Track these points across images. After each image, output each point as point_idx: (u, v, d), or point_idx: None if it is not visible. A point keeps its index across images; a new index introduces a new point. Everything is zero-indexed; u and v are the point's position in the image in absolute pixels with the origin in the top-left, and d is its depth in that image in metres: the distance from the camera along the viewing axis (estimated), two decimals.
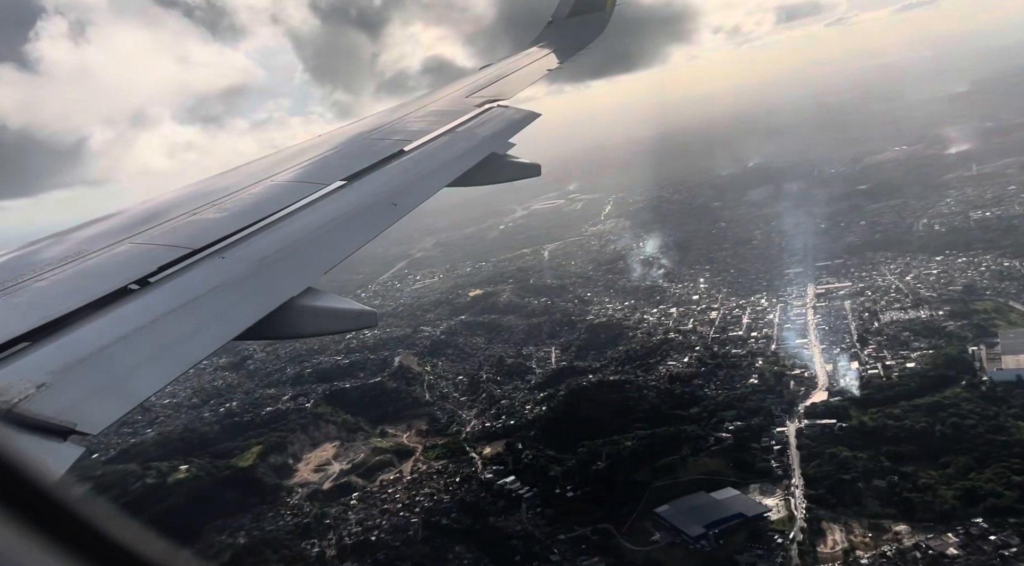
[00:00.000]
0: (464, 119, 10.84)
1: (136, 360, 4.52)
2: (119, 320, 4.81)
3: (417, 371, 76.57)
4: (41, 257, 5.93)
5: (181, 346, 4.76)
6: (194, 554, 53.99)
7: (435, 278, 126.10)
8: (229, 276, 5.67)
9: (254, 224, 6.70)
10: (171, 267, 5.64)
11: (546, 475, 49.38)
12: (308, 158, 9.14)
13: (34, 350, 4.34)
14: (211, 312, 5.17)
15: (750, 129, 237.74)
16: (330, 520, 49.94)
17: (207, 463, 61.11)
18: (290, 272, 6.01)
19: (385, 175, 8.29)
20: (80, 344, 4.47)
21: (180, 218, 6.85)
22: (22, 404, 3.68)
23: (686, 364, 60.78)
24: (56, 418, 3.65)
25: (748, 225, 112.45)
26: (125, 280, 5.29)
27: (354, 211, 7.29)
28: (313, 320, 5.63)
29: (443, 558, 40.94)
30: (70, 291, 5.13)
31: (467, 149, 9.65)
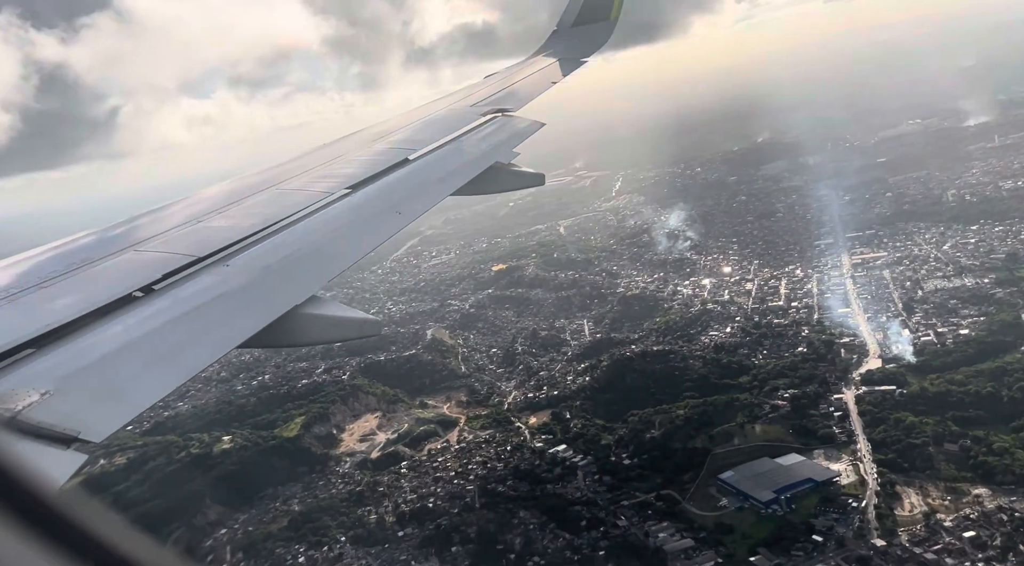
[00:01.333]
0: (469, 128, 10.65)
1: (139, 368, 4.43)
2: (123, 328, 4.72)
3: (450, 344, 75.60)
4: (47, 263, 5.83)
5: (184, 354, 4.68)
6: (214, 544, 53.45)
7: (451, 254, 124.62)
8: (233, 284, 5.55)
9: (259, 232, 6.55)
10: (175, 275, 5.51)
11: (598, 443, 48.69)
12: (312, 167, 9.02)
13: (38, 357, 4.24)
14: (214, 320, 5.08)
15: (754, 107, 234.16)
16: (383, 488, 49.29)
17: (250, 434, 60.33)
18: (294, 280, 5.88)
19: (390, 184, 8.16)
20: (84, 352, 4.38)
21: (185, 226, 6.73)
22: (26, 411, 3.59)
23: (729, 334, 59.84)
24: (59, 426, 3.56)
25: (769, 198, 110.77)
26: (129, 288, 5.18)
27: (359, 219, 7.18)
28: (316, 328, 5.53)
29: (508, 523, 40.28)
30: (75, 299, 5.03)
31: (472, 158, 9.50)
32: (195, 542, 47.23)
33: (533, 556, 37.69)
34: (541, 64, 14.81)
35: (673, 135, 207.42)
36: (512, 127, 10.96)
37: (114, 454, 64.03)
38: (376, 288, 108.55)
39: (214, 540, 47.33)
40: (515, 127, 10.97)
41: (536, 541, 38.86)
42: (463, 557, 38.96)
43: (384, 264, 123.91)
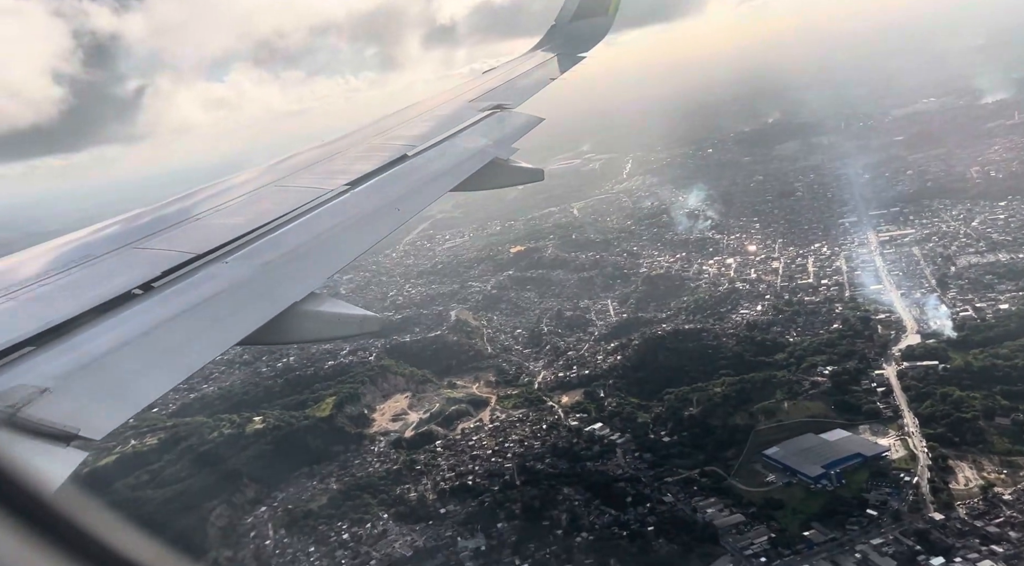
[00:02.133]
0: (468, 124, 10.49)
1: (139, 365, 4.37)
2: (123, 325, 4.67)
3: (474, 325, 74.95)
4: (47, 261, 5.75)
5: (183, 351, 4.63)
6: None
7: (465, 237, 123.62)
8: (232, 281, 5.48)
9: (258, 229, 6.44)
10: (175, 272, 5.43)
11: (634, 421, 48.16)
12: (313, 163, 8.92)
13: (38, 355, 4.18)
14: (214, 317, 5.01)
15: (762, 88, 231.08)
16: (421, 466, 48.92)
17: (281, 414, 59.99)
18: (293, 277, 5.80)
19: (389, 180, 8.08)
20: (84, 349, 4.32)
21: (185, 223, 6.68)
22: (26, 409, 3.55)
23: (760, 312, 59.04)
24: (59, 423, 3.53)
25: (786, 178, 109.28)
26: (129, 285, 5.13)
27: (358, 216, 7.10)
28: (316, 325, 5.45)
29: (552, 500, 39.86)
30: (75, 296, 4.98)
31: (470, 154, 9.35)
32: (235, 519, 47.04)
33: (581, 532, 37.30)
34: (539, 59, 14.56)
35: (681, 117, 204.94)
36: (510, 123, 10.76)
37: (144, 435, 63.84)
38: (392, 271, 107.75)
39: (254, 517, 47.09)
40: (513, 123, 10.77)
41: (582, 517, 38.46)
42: (509, 533, 38.60)
43: (397, 247, 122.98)
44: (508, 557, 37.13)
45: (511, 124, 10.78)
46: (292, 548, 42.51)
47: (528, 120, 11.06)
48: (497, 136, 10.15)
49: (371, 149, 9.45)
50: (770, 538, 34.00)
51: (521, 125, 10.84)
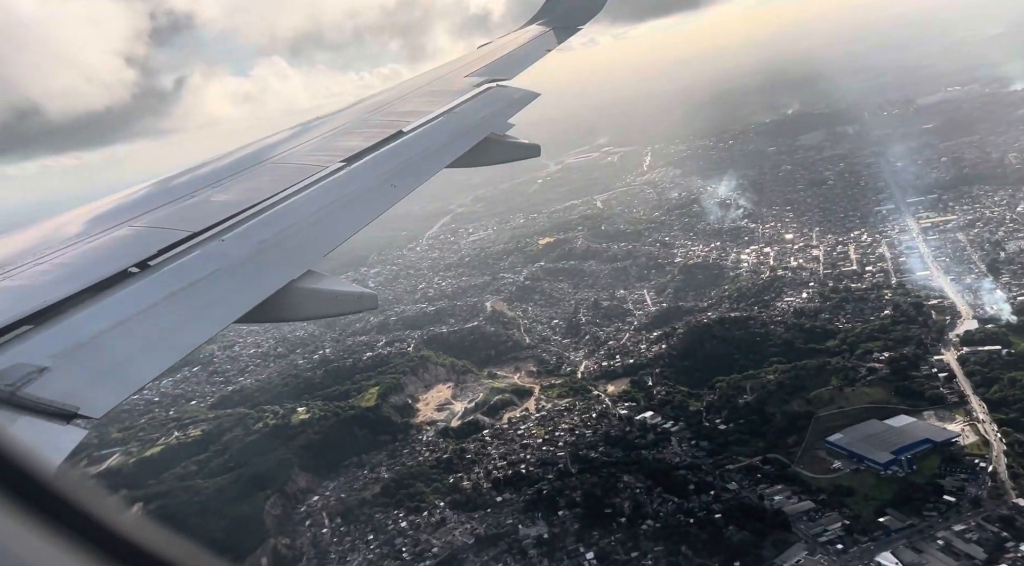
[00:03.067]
0: (463, 99, 10.27)
1: (136, 344, 4.31)
2: (119, 304, 4.62)
3: (510, 316, 74.36)
4: (43, 240, 5.68)
5: (180, 330, 4.60)
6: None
7: (488, 230, 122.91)
8: (229, 260, 5.43)
9: (254, 206, 6.37)
10: (171, 250, 5.39)
11: (686, 410, 47.36)
12: (307, 139, 8.81)
13: (36, 334, 4.14)
14: (210, 296, 4.98)
15: (778, 80, 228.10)
16: (471, 455, 48.43)
17: (324, 405, 59.75)
18: (290, 255, 5.73)
19: (384, 157, 7.96)
20: (81, 328, 4.27)
21: (180, 200, 6.60)
22: (25, 388, 3.53)
23: (806, 299, 57.90)
24: (59, 402, 3.51)
25: (815, 167, 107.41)
26: (125, 263, 5.09)
27: (354, 193, 7.02)
28: (313, 303, 5.39)
29: (613, 488, 39.19)
30: (71, 275, 4.93)
31: (466, 130, 9.17)
32: (289, 508, 46.84)
33: (645, 519, 36.62)
34: (535, 32, 14.28)
35: (697, 110, 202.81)
36: (506, 97, 10.56)
37: (187, 426, 63.93)
38: (418, 264, 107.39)
39: (308, 507, 46.88)
40: (509, 97, 10.57)
41: (645, 505, 37.77)
42: (571, 520, 38.00)
43: (420, 241, 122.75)
44: (572, 545, 36.55)
45: (507, 99, 10.51)
46: (350, 536, 42.20)
47: (524, 95, 10.76)
48: (493, 111, 9.91)
49: (367, 125, 9.23)
50: (844, 525, 33.17)
51: (517, 100, 10.54)
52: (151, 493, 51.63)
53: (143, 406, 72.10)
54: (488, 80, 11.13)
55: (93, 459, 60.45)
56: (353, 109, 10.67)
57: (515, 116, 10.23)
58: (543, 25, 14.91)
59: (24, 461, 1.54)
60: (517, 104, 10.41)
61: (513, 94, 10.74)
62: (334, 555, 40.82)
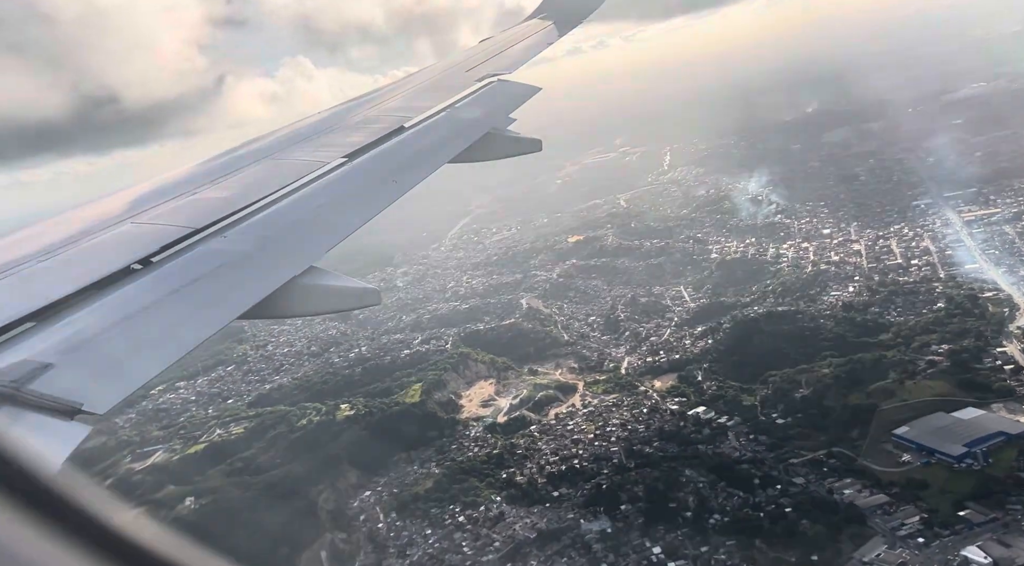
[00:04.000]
0: (464, 94, 10.16)
1: (139, 341, 4.30)
2: (122, 301, 4.57)
3: (546, 313, 73.80)
4: (46, 237, 5.64)
5: (183, 326, 4.56)
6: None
7: (512, 230, 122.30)
8: (231, 256, 5.37)
9: (256, 203, 6.29)
10: (174, 246, 5.34)
11: (739, 404, 46.52)
12: (309, 135, 8.75)
13: (40, 331, 4.14)
14: (213, 292, 4.93)
15: (795, 79, 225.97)
16: (521, 451, 47.90)
17: (367, 401, 59.48)
18: (292, 251, 5.68)
19: (386, 152, 7.90)
20: (85, 326, 4.26)
21: (182, 197, 6.56)
22: (29, 384, 3.54)
23: (853, 293, 56.85)
24: (63, 398, 3.51)
25: (844, 164, 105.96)
26: (128, 260, 5.04)
27: (355, 189, 6.99)
28: (316, 299, 5.30)
29: (676, 482, 38.47)
30: (74, 272, 4.87)
31: (467, 125, 9.13)
32: (342, 503, 46.53)
33: (713, 513, 35.86)
34: (537, 27, 14.22)
35: (713, 109, 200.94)
36: (508, 92, 10.46)
37: (228, 424, 63.94)
38: (445, 264, 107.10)
39: (360, 502, 46.54)
40: (511, 92, 10.47)
41: (710, 499, 37.01)
42: (635, 515, 37.32)
43: (444, 242, 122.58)
44: (636, 539, 35.88)
45: (509, 94, 10.41)
46: (407, 531, 41.78)
47: (526, 89, 10.63)
48: (494, 106, 9.81)
49: (367, 121, 9.14)
50: (922, 518, 32.24)
51: (519, 94, 10.42)
52: (201, 488, 51.55)
53: (180, 405, 72.33)
54: (489, 75, 11.01)
55: (136, 456, 60.65)
56: (354, 104, 10.57)
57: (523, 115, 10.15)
58: (544, 19, 14.89)
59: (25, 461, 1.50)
60: (519, 99, 10.29)
61: (515, 89, 10.61)
62: (392, 549, 40.42)
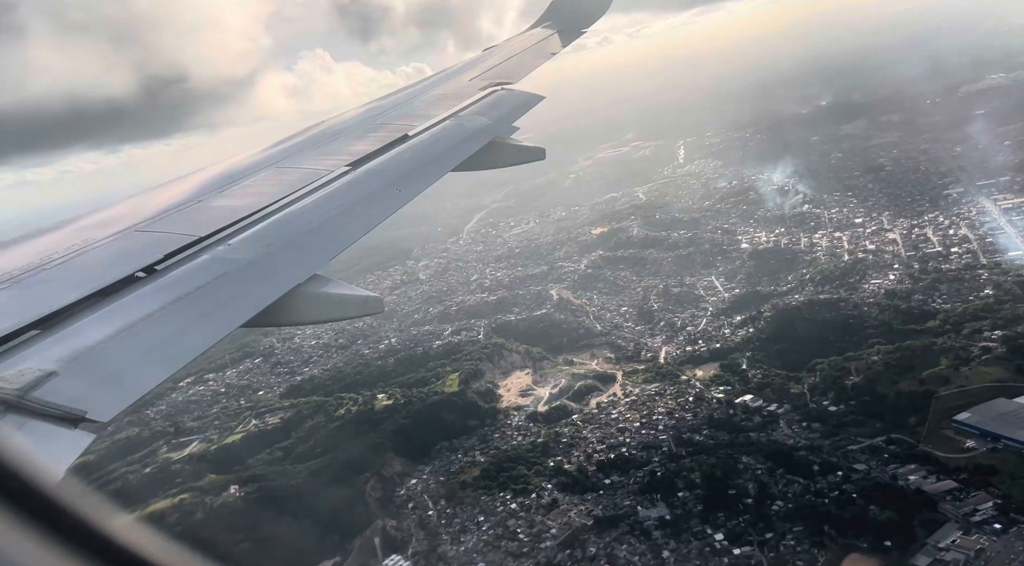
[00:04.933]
0: (468, 103, 10.14)
1: (143, 348, 4.28)
2: (126, 309, 4.56)
3: (577, 303, 73.10)
4: (50, 245, 5.59)
5: (186, 334, 4.52)
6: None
7: (530, 223, 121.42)
8: (235, 264, 5.30)
9: (260, 211, 6.23)
10: (177, 255, 5.31)
11: (787, 392, 45.76)
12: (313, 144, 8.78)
13: (43, 338, 4.13)
14: (216, 300, 4.88)
15: (806, 73, 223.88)
16: (567, 439, 47.28)
17: (404, 391, 58.98)
18: (296, 259, 5.59)
19: (390, 161, 7.88)
20: (88, 334, 4.24)
21: (186, 205, 6.50)
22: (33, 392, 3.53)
23: (894, 281, 55.87)
24: (67, 406, 3.51)
25: (866, 155, 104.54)
26: (132, 268, 5.02)
27: (359, 197, 6.92)
28: (319, 307, 5.26)
29: (733, 469, 37.76)
30: (78, 280, 4.86)
31: (471, 134, 9.05)
32: (388, 491, 46.05)
33: (775, 500, 35.14)
34: (540, 36, 14.19)
35: (724, 103, 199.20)
36: (511, 101, 10.39)
37: (263, 415, 63.60)
38: (465, 257, 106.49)
39: (407, 489, 46.06)
40: (514, 101, 10.41)
41: (769, 486, 36.27)
42: (693, 502, 36.64)
43: (461, 236, 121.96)
44: (697, 526, 35.21)
45: (512, 102, 10.37)
46: (458, 518, 41.25)
47: (529, 98, 10.58)
48: (498, 114, 9.77)
49: (371, 129, 9.13)
50: (995, 504, 31.43)
51: (522, 103, 10.40)
52: (244, 476, 51.20)
53: (211, 396, 72.11)
54: (493, 83, 10.94)
55: (173, 446, 60.41)
56: (358, 112, 10.54)
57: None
58: (548, 28, 14.76)
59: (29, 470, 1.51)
60: (522, 107, 10.24)
61: (518, 97, 10.56)
62: (445, 536, 39.89)
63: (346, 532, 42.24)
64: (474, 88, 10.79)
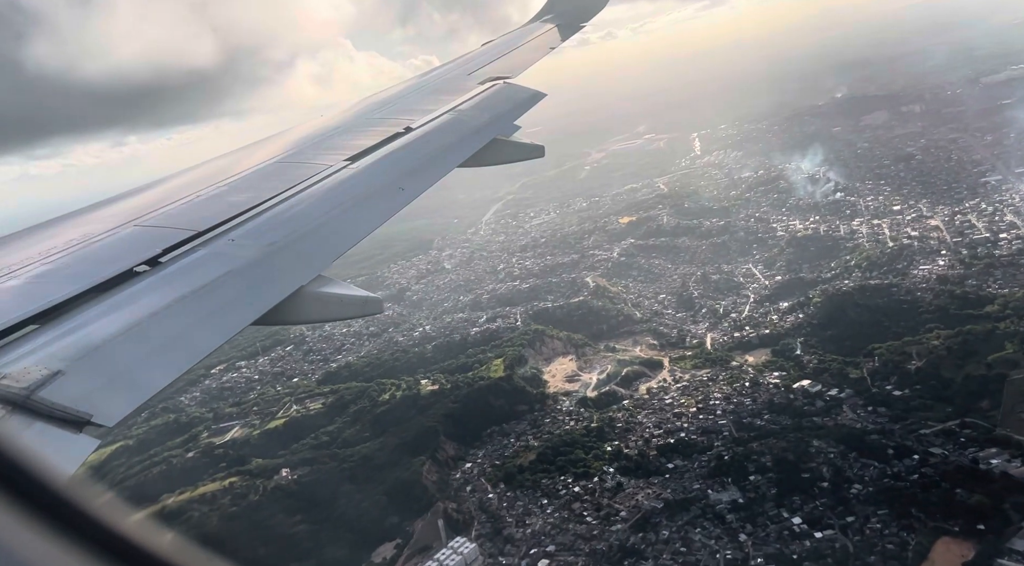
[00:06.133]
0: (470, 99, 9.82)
1: (149, 349, 4.09)
2: (132, 306, 4.37)
3: (614, 291, 71.99)
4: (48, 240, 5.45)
5: (193, 335, 4.35)
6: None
7: (550, 214, 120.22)
8: (238, 262, 5.17)
9: (260, 204, 6.04)
10: (176, 249, 5.17)
11: (846, 377, 44.68)
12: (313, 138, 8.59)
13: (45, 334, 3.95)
14: (222, 300, 4.74)
15: (814, 67, 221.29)
16: (621, 424, 46.33)
17: (447, 377, 58.05)
18: (300, 259, 5.44)
19: (392, 159, 7.57)
20: (95, 330, 4.03)
21: (184, 199, 6.32)
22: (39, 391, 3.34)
23: (945, 266, 54.65)
24: (72, 408, 3.32)
25: (892, 145, 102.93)
26: (132, 262, 4.86)
27: (361, 196, 6.60)
28: (321, 307, 5.14)
29: (806, 452, 36.76)
30: (77, 274, 4.70)
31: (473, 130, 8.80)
32: (444, 475, 45.19)
33: (852, 483, 34.13)
34: (539, 30, 13.93)
35: (736, 96, 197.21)
36: (513, 97, 10.12)
37: (303, 400, 62.78)
38: (488, 247, 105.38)
39: (462, 473, 45.21)
40: (516, 97, 10.16)
41: (844, 469, 35.27)
42: (765, 485, 35.66)
43: (479, 226, 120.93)
44: (772, 509, 34.25)
45: (514, 98, 10.09)
46: (520, 501, 40.37)
47: (531, 95, 10.29)
48: (499, 112, 9.53)
49: (370, 124, 8.95)
50: None
51: (525, 99, 10.13)
52: (291, 460, 50.43)
53: (244, 383, 71.39)
54: (493, 78, 10.68)
55: (213, 431, 59.65)
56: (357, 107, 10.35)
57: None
58: (547, 22, 14.60)
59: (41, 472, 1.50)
60: (524, 104, 9.99)
61: (520, 93, 10.34)
62: (509, 519, 39.02)
63: (405, 514, 41.42)
64: (474, 83, 10.51)
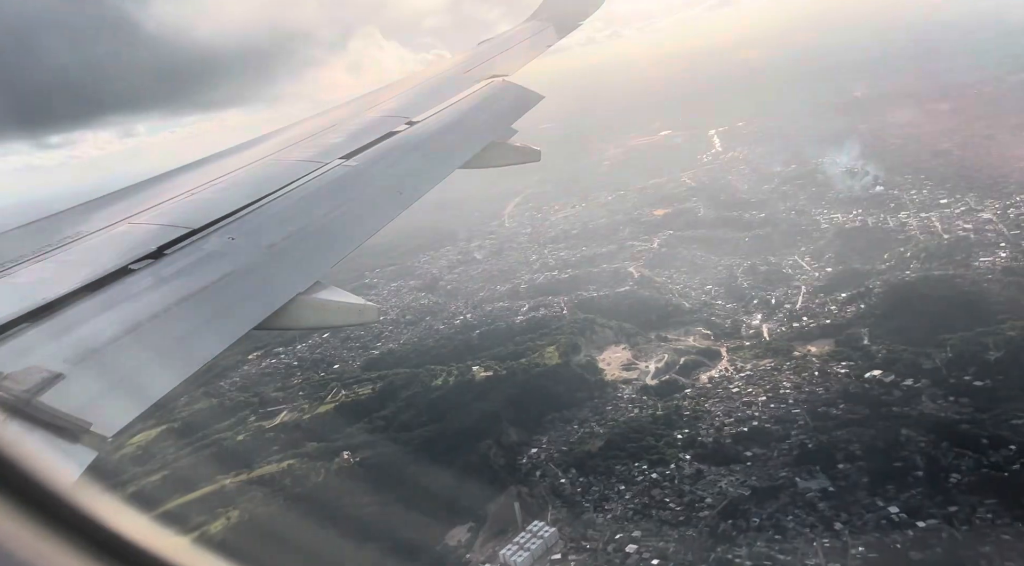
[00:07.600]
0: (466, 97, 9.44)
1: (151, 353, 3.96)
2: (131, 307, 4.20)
3: (660, 281, 70.59)
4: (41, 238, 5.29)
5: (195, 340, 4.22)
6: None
7: (575, 207, 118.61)
8: (239, 264, 5.06)
9: (255, 203, 5.93)
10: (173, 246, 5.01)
11: (919, 367, 43.26)
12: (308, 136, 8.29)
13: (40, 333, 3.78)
14: (224, 303, 4.63)
15: (828, 65, 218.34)
16: (689, 412, 45.05)
17: (500, 363, 56.81)
18: (299, 264, 5.33)
19: (389, 162, 7.33)
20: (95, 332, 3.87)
21: (180, 197, 6.23)
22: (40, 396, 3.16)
23: (1008, 258, 53.18)
24: (72, 415, 3.15)
25: (926, 140, 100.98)
26: (126, 260, 4.70)
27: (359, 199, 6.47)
28: (318, 314, 5.00)
29: (896, 441, 35.47)
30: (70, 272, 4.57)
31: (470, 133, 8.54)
32: (510, 460, 44.00)
33: (950, 472, 32.82)
34: (536, 29, 13.78)
35: (748, 95, 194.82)
36: (511, 98, 9.90)
37: (351, 385, 61.68)
38: (516, 238, 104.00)
39: (528, 458, 44.01)
40: (514, 98, 9.93)
41: (939, 459, 33.94)
42: (855, 474, 34.40)
43: (502, 219, 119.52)
44: (865, 498, 32.97)
45: (512, 99, 9.84)
46: (595, 487, 39.18)
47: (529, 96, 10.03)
48: (497, 113, 9.36)
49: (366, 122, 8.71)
50: None
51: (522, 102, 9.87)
52: (348, 444, 49.32)
53: (284, 369, 70.28)
54: (489, 78, 10.44)
55: (261, 415, 58.58)
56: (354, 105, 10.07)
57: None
58: (543, 21, 14.42)
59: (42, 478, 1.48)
60: (521, 106, 9.70)
61: (517, 95, 10.09)
62: (587, 504, 37.82)
63: (476, 498, 40.25)
64: (470, 82, 10.23)
